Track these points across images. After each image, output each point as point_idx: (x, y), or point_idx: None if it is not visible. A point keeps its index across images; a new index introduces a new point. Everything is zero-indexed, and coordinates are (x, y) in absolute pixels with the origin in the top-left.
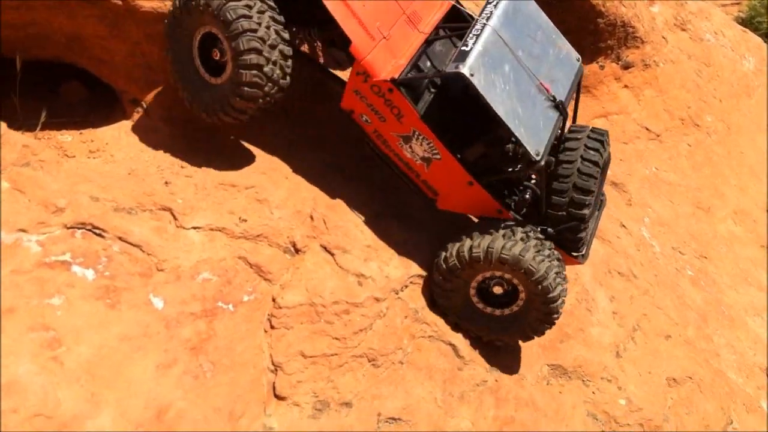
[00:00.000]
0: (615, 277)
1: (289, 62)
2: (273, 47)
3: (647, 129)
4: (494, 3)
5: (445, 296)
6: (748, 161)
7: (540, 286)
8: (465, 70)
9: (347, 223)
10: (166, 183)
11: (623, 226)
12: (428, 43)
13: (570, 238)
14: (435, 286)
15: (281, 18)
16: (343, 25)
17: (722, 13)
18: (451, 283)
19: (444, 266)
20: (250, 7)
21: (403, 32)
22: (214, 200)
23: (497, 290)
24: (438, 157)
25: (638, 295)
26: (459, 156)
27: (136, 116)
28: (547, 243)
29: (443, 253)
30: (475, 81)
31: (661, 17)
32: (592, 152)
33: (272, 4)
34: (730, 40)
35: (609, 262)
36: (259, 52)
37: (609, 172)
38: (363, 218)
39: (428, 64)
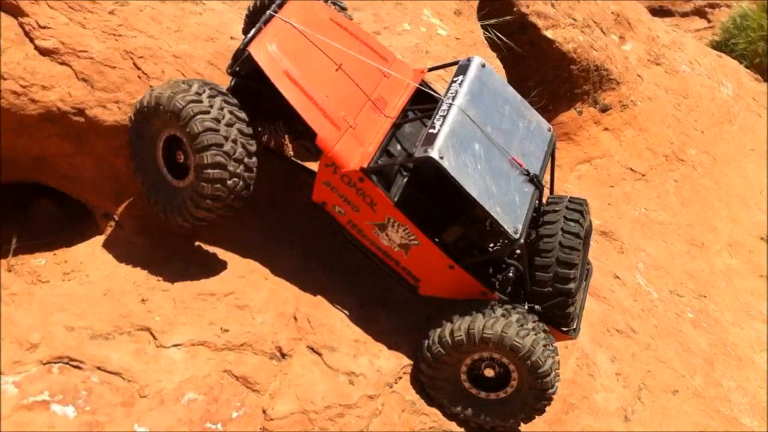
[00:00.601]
0: (614, 335)
1: (254, 173)
2: (238, 161)
3: (632, 170)
4: (458, 81)
5: (436, 386)
6: (737, 190)
7: (529, 362)
8: (434, 153)
9: (332, 319)
10: (143, 300)
11: (617, 277)
12: (397, 125)
13: (559, 314)
14: (424, 377)
15: (249, 130)
16: (307, 119)
17: (695, 41)
18: (440, 372)
19: (429, 355)
20: (218, 120)
21: (369, 119)
22: (194, 312)
23: (489, 373)
24: (416, 242)
25: (640, 352)
26: (437, 240)
27: (109, 230)
28: (530, 316)
29: (426, 341)
30: (445, 163)
31: (634, 55)
32: (572, 224)
33: (241, 115)
34: (705, 68)
35: (606, 321)
36: (223, 167)
37: (597, 221)
38: (347, 313)
39: (398, 147)
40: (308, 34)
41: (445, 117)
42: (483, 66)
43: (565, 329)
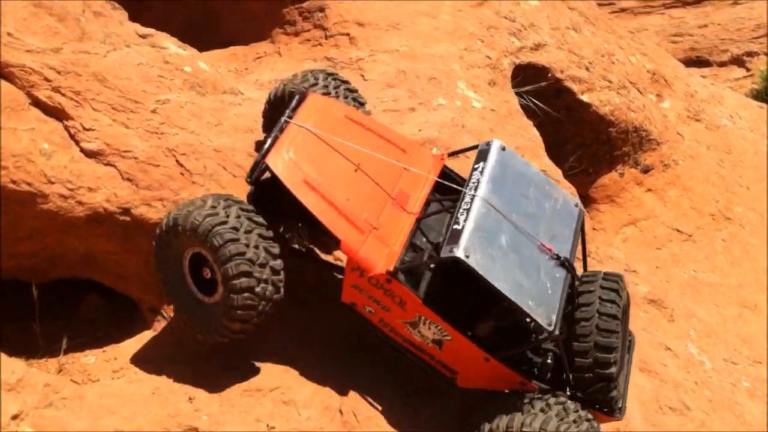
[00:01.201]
0: (667, 413)
1: (281, 275)
2: (263, 266)
3: (678, 230)
4: (479, 168)
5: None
6: None
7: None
8: (460, 253)
9: (377, 414)
10: (190, 399)
11: (668, 348)
12: (420, 219)
13: (602, 398)
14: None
15: (269, 233)
16: (330, 226)
17: (734, 93)
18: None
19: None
20: (236, 229)
21: (392, 217)
22: (240, 410)
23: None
24: (449, 338)
25: (694, 429)
26: (470, 334)
27: (156, 325)
28: (572, 406)
29: None
30: (471, 262)
31: (673, 112)
32: (608, 305)
33: (259, 220)
34: (747, 121)
35: (659, 398)
36: (249, 275)
37: (645, 287)
38: (393, 404)
39: (423, 239)
40: (324, 137)
41: (468, 210)
42: (503, 149)
43: (610, 412)
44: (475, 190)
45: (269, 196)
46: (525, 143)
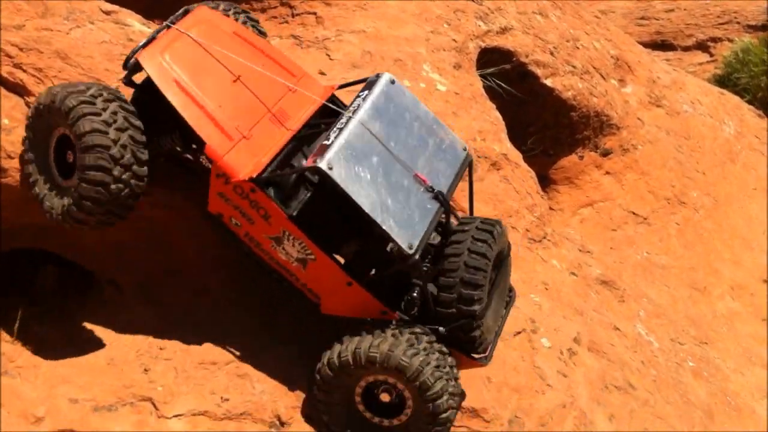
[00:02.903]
0: (612, 392)
1: (143, 182)
2: (125, 167)
3: (634, 213)
4: (363, 96)
5: (330, 412)
6: (740, 232)
7: (417, 383)
8: (322, 164)
9: None
10: (146, 370)
11: (617, 329)
12: (303, 139)
13: (464, 338)
14: (318, 403)
15: (142, 138)
16: (196, 127)
17: (696, 79)
18: (332, 396)
19: (319, 378)
20: (107, 123)
21: (266, 131)
22: (195, 382)
23: (385, 398)
24: (312, 257)
25: (638, 408)
26: (334, 255)
27: (113, 296)
28: (425, 337)
29: (318, 365)
30: (334, 174)
31: (635, 97)
32: (480, 244)
33: (136, 123)
34: (707, 107)
35: (605, 377)
36: (106, 170)
37: (597, 270)
38: None
39: (303, 161)
40: (205, 44)
41: (342, 129)
42: (392, 82)
43: (473, 355)
44: (353, 113)
45: (149, 104)
46: (487, 126)
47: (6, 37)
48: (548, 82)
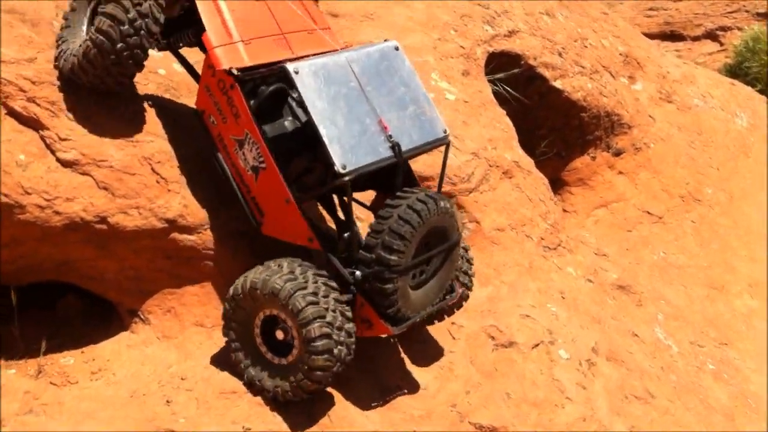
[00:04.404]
0: (632, 402)
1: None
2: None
3: (648, 213)
4: (360, 48)
5: (235, 349)
6: (756, 227)
7: (290, 308)
8: (291, 66)
9: (351, 411)
10: (168, 402)
11: (635, 335)
12: None
13: (378, 290)
14: (229, 345)
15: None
16: (204, 18)
17: (707, 71)
18: (237, 333)
19: (223, 314)
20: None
21: (267, 46)
22: (217, 412)
23: (279, 335)
24: (264, 166)
25: (658, 417)
26: (282, 169)
27: (134, 326)
28: (321, 278)
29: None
30: (296, 79)
31: (645, 94)
32: (420, 204)
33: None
34: (719, 100)
35: (624, 387)
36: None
37: (614, 274)
38: (367, 404)
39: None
40: None
41: (324, 56)
42: (396, 49)
43: (382, 312)
44: (344, 51)
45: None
46: (498, 134)
47: (19, 71)
48: (557, 84)
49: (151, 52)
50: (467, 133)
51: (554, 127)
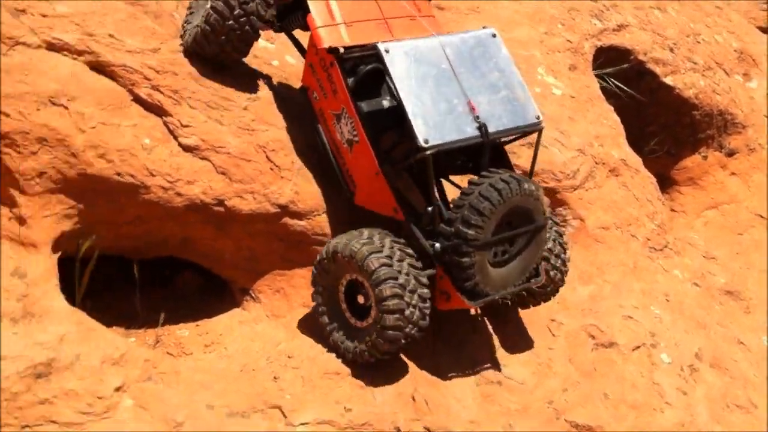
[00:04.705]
0: (734, 411)
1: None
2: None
3: (761, 216)
4: (457, 33)
5: (321, 312)
6: None
7: (365, 269)
8: (382, 47)
9: (449, 399)
10: (275, 378)
11: (741, 342)
12: None
13: (455, 263)
14: (317, 308)
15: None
16: (311, 1)
17: None
18: (324, 297)
19: (312, 278)
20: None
21: (369, 29)
22: (321, 391)
23: (360, 300)
24: (357, 140)
25: (760, 428)
26: (374, 142)
27: (245, 304)
28: (397, 245)
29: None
30: (386, 58)
31: (761, 92)
32: (503, 184)
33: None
34: None
35: (727, 395)
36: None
37: (722, 279)
38: (464, 393)
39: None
40: None
41: (418, 38)
42: (494, 36)
43: (459, 286)
44: (438, 35)
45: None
46: (605, 131)
47: (144, 61)
48: (668, 80)
49: (265, 43)
50: (573, 129)
51: (665, 124)
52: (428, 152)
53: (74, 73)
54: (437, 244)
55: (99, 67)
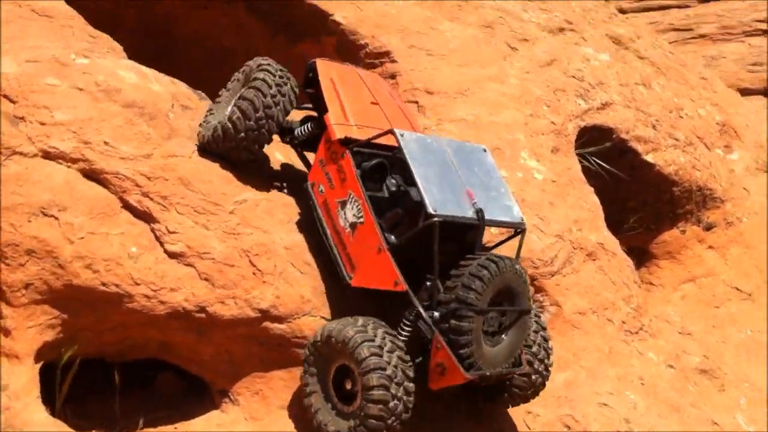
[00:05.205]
0: None
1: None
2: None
3: (738, 289)
4: (454, 141)
5: (309, 393)
6: None
7: (354, 355)
8: (398, 131)
9: None
10: None
11: (715, 423)
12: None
13: (454, 327)
14: (303, 385)
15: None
16: (328, 103)
17: None
18: (312, 378)
19: (304, 358)
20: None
21: (375, 131)
22: None
23: (347, 385)
24: (361, 221)
25: None
26: (378, 220)
27: (224, 406)
28: (389, 336)
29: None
30: (401, 140)
31: (741, 164)
32: (497, 258)
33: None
34: None
35: None
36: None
37: (696, 358)
38: None
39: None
40: (362, 74)
41: (426, 135)
42: (484, 150)
43: (456, 354)
44: (439, 137)
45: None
46: (584, 215)
47: (136, 167)
48: (649, 158)
49: None
50: (553, 215)
51: (645, 201)
52: (435, 219)
53: (68, 181)
54: (436, 313)
55: (92, 175)
